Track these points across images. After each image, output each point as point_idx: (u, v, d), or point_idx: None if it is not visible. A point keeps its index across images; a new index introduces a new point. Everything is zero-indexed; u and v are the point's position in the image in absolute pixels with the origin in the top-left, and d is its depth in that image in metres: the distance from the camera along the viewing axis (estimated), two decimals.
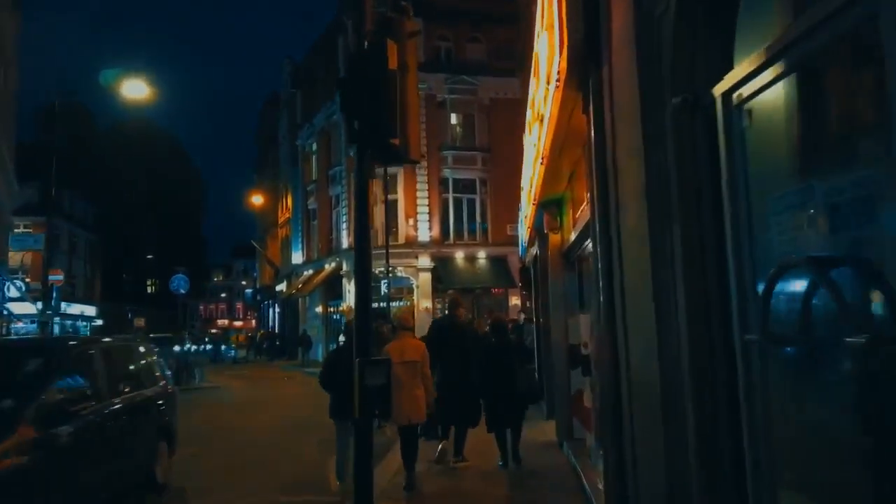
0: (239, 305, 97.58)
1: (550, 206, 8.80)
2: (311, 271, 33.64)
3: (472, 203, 29.08)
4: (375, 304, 27.81)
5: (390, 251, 25.79)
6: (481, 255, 28.63)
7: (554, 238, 8.81)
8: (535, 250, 12.36)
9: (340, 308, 29.50)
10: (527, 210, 10.89)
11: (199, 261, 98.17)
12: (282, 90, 40.66)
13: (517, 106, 30.09)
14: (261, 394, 19.47)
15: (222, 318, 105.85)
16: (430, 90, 28.57)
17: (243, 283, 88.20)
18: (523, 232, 14.32)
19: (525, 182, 11.35)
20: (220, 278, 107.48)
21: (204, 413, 14.72)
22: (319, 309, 32.80)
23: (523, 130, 26.11)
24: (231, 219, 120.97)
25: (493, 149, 29.07)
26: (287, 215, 39.47)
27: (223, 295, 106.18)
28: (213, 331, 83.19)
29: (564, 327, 8.62)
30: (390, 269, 25.72)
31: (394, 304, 27.87)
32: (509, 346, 8.33)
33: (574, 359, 8.50)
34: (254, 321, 52.59)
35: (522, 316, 15.55)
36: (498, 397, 7.76)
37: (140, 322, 34.72)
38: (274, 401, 17.34)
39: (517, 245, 29.30)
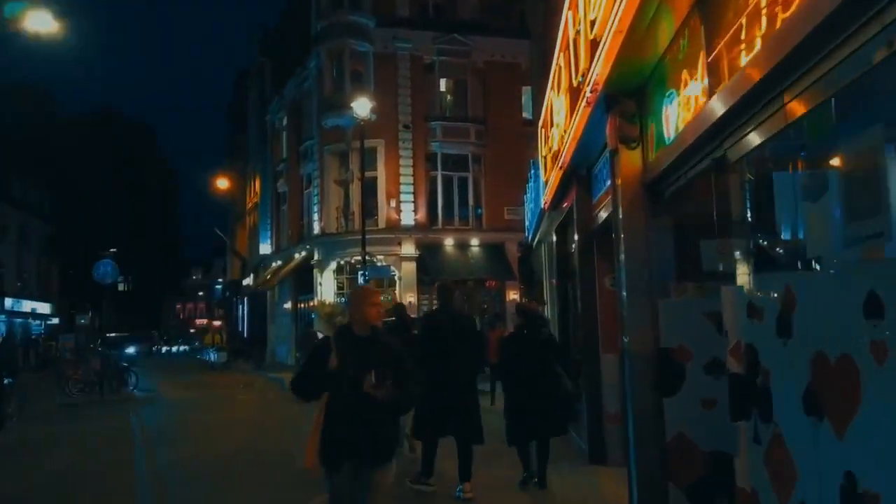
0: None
1: (622, 102, 4.94)
2: (279, 262, 29.62)
3: (463, 182, 25.19)
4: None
5: (369, 237, 21.96)
6: (474, 242, 24.76)
7: (629, 160, 4.93)
8: (566, 207, 8.47)
9: (311, 303, 25.51)
10: (561, 133, 7.00)
11: (176, 257, 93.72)
12: (251, 61, 36.54)
13: (515, 70, 26.35)
14: (199, 409, 15.44)
15: (201, 317, 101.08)
16: (415, 51, 24.69)
17: (220, 280, 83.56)
18: (539, 190, 10.45)
19: (554, 84, 7.45)
20: (200, 276, 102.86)
21: (86, 443, 10.66)
22: (289, 305, 28.78)
23: (521, 98, 21.99)
24: (212, 215, 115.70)
25: (489, 120, 25.22)
26: (255, 200, 35.40)
27: (200, 293, 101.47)
28: (192, 330, 78.71)
29: (650, 318, 4.74)
30: (368, 257, 21.82)
31: None
32: (547, 339, 6.73)
33: (671, 376, 4.65)
34: (222, 320, 48.22)
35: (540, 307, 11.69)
36: (529, 402, 6.38)
37: (83, 321, 30.39)
38: (210, 424, 13.28)
39: (515, 231, 25.51)
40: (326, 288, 24.86)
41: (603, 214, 6.73)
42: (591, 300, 7.26)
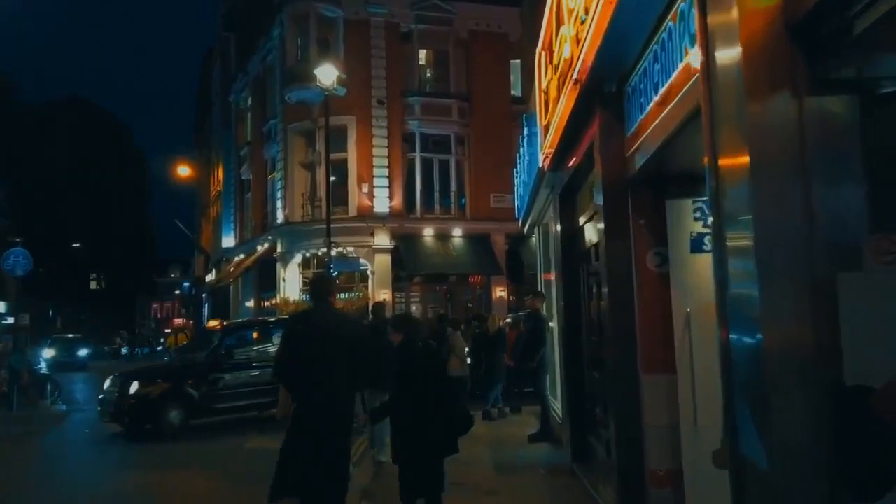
0: None
1: None
2: (242, 256, 26.84)
3: (445, 165, 22.53)
4: None
5: (338, 226, 19.41)
6: (457, 233, 22.12)
7: None
8: (573, 165, 5.82)
9: (274, 301, 22.79)
10: (578, 22, 4.36)
11: (150, 254, 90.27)
12: (215, 37, 33.66)
13: (503, 41, 23.72)
14: (116, 438, 12.61)
15: (179, 316, 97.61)
16: (391, 17, 22.01)
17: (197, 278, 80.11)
18: (536, 149, 7.84)
19: None
20: (178, 274, 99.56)
21: None
22: (251, 302, 26.00)
23: (510, 74, 19.45)
24: (188, 210, 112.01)
25: (474, 97, 22.60)
26: (218, 189, 32.54)
27: (177, 292, 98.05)
28: (168, 330, 75.42)
29: (808, 310, 2.11)
30: (336, 247, 19.17)
31: (340, 295, 21.28)
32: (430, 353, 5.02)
33: (875, 451, 2.02)
34: (191, 320, 45.44)
35: (539, 302, 8.98)
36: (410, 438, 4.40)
37: (22, 320, 27.03)
38: (114, 460, 10.52)
39: (503, 221, 22.86)
40: (290, 284, 22.13)
41: (645, 152, 4.14)
42: (623, 291, 4.63)
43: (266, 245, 23.56)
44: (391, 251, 21.32)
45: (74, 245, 51.96)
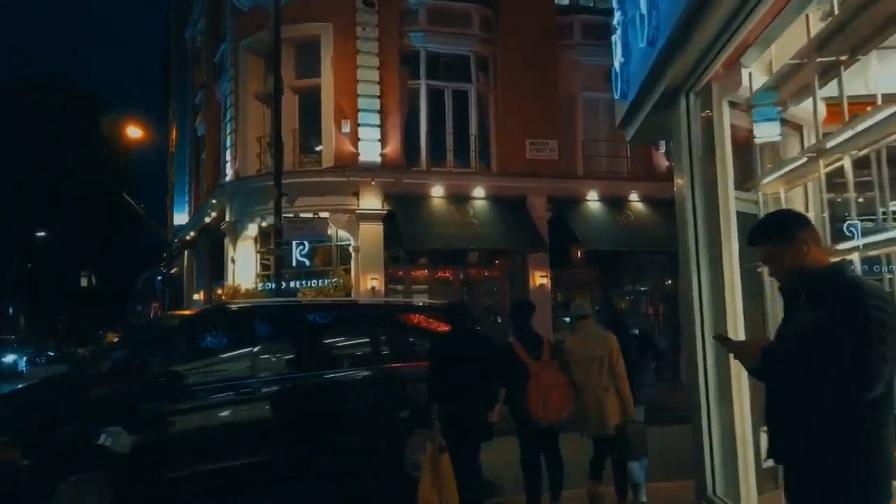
0: None
1: None
2: (193, 233, 20.49)
3: (461, 98, 15.90)
4: (276, 285, 14.69)
5: (306, 181, 13.14)
6: (478, 193, 15.47)
7: None
8: None
9: (220, 290, 16.36)
10: None
11: (143, 249, 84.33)
12: None
13: None
14: None
15: None
16: None
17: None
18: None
19: None
20: (178, 270, 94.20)
21: None
22: (200, 294, 19.63)
23: None
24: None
25: (503, 1, 16.04)
26: (172, 151, 26.29)
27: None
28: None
29: None
30: (291, 210, 12.86)
31: (309, 282, 14.70)
32: None
33: None
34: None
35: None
36: None
37: None
38: None
39: (542, 178, 16.23)
40: (243, 265, 15.65)
41: None
42: None
43: (213, 213, 17.12)
44: (384, 219, 14.77)
45: (38, 234, 46.05)
